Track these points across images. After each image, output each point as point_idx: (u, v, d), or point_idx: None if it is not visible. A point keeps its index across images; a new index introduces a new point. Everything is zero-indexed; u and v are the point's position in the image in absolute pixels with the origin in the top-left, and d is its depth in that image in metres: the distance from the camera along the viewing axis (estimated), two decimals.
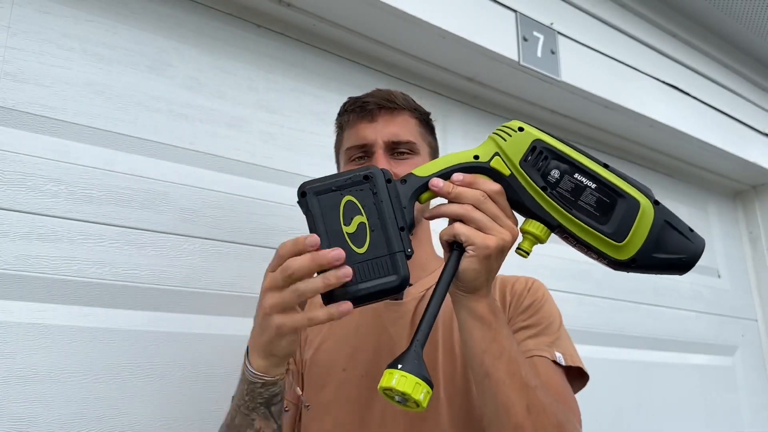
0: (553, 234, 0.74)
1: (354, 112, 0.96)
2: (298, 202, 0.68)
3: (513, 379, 0.70)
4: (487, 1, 1.58)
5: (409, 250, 0.65)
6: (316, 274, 0.64)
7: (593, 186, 0.69)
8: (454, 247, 0.70)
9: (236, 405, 0.75)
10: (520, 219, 0.73)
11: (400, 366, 0.61)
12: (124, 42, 1.18)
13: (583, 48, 1.80)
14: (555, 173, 0.70)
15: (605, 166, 0.71)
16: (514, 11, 1.64)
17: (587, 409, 0.96)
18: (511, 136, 0.74)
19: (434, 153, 1.02)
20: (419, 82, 1.65)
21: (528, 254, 0.72)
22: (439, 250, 1.01)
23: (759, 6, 2.01)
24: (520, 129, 0.74)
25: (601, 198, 0.69)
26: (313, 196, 0.67)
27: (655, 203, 0.70)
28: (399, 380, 0.60)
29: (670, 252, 0.69)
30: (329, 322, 0.65)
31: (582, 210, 0.69)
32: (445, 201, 0.71)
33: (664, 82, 2.02)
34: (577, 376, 0.89)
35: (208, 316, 1.16)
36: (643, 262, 0.71)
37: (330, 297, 0.64)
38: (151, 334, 1.08)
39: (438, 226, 0.97)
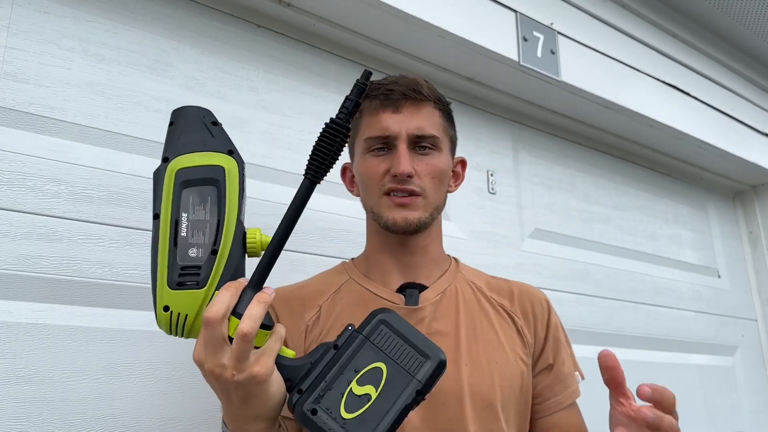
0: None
1: (377, 98, 0.90)
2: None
3: None
4: (487, 1, 1.58)
5: None
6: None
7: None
8: None
9: None
10: None
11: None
12: (124, 42, 1.18)
13: (583, 48, 1.80)
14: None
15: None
16: (514, 11, 1.64)
17: (587, 409, 0.96)
18: None
19: (453, 147, 0.98)
20: None
21: None
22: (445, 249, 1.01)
23: (759, 6, 2.01)
24: None
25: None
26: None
27: None
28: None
29: None
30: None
31: None
32: None
33: (664, 82, 2.02)
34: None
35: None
36: None
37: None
38: (151, 334, 1.08)
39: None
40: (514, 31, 1.63)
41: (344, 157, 0.91)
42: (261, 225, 1.26)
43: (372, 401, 0.61)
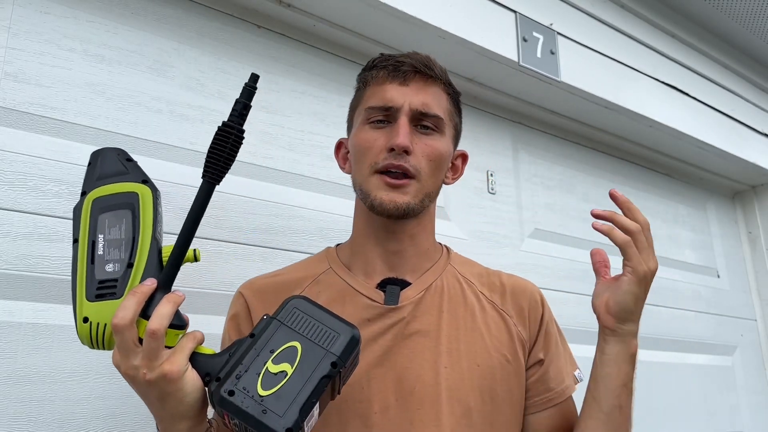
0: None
1: (384, 69, 0.86)
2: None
3: (631, 415, 0.77)
4: (487, 1, 1.59)
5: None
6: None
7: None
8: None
9: None
10: None
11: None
12: (124, 43, 1.18)
13: (582, 48, 1.80)
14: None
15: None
16: (514, 12, 1.64)
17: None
18: None
19: (457, 136, 0.93)
20: None
21: None
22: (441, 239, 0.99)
23: (759, 6, 2.01)
24: None
25: None
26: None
27: None
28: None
29: None
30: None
31: None
32: None
33: (663, 83, 2.02)
34: None
35: (208, 316, 1.16)
36: None
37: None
38: None
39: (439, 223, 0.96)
40: (514, 31, 1.63)
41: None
42: (261, 225, 1.27)
43: (288, 377, 0.62)
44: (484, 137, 1.76)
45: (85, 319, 0.64)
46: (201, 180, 0.66)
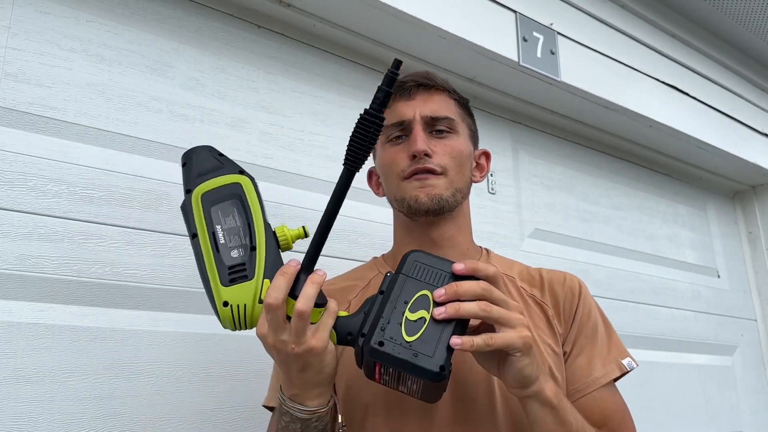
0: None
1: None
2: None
3: None
4: (487, 1, 1.59)
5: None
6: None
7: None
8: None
9: None
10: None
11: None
12: (124, 43, 1.18)
13: (582, 48, 1.80)
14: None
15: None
16: (514, 11, 1.64)
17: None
18: None
19: (474, 136, 0.98)
20: None
21: None
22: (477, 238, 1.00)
23: (759, 6, 2.01)
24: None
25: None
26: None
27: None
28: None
29: None
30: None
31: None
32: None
33: (663, 83, 2.02)
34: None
35: (208, 316, 1.16)
36: None
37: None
38: (151, 334, 1.09)
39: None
40: (514, 31, 1.63)
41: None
42: None
43: (427, 322, 0.67)
44: (484, 137, 1.74)
45: (225, 303, 0.67)
46: (342, 167, 0.67)
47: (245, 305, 0.67)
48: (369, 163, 1.07)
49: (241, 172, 0.75)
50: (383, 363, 0.66)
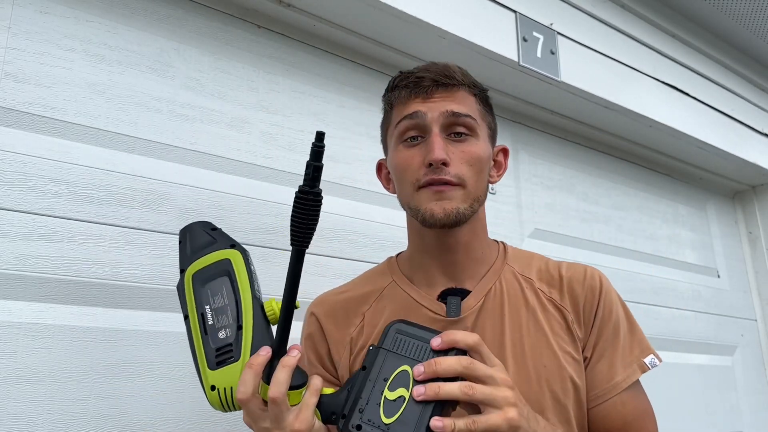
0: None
1: (407, 87, 0.87)
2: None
3: None
4: (487, 1, 1.59)
5: None
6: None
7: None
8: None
9: None
10: None
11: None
12: (124, 43, 1.18)
13: (582, 48, 1.80)
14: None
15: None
16: (514, 11, 1.64)
17: None
18: None
19: (493, 135, 0.93)
20: None
21: None
22: (492, 234, 0.98)
23: (759, 6, 2.02)
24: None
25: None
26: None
27: None
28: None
29: None
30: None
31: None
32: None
33: (663, 83, 2.02)
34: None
35: None
36: None
37: None
38: (151, 334, 1.09)
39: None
40: (514, 31, 1.63)
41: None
42: (261, 225, 1.27)
43: (406, 401, 0.65)
44: None
45: (213, 387, 0.68)
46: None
47: (231, 388, 0.68)
48: (378, 155, 1.06)
49: (233, 246, 0.75)
50: None
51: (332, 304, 0.93)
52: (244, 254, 0.75)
